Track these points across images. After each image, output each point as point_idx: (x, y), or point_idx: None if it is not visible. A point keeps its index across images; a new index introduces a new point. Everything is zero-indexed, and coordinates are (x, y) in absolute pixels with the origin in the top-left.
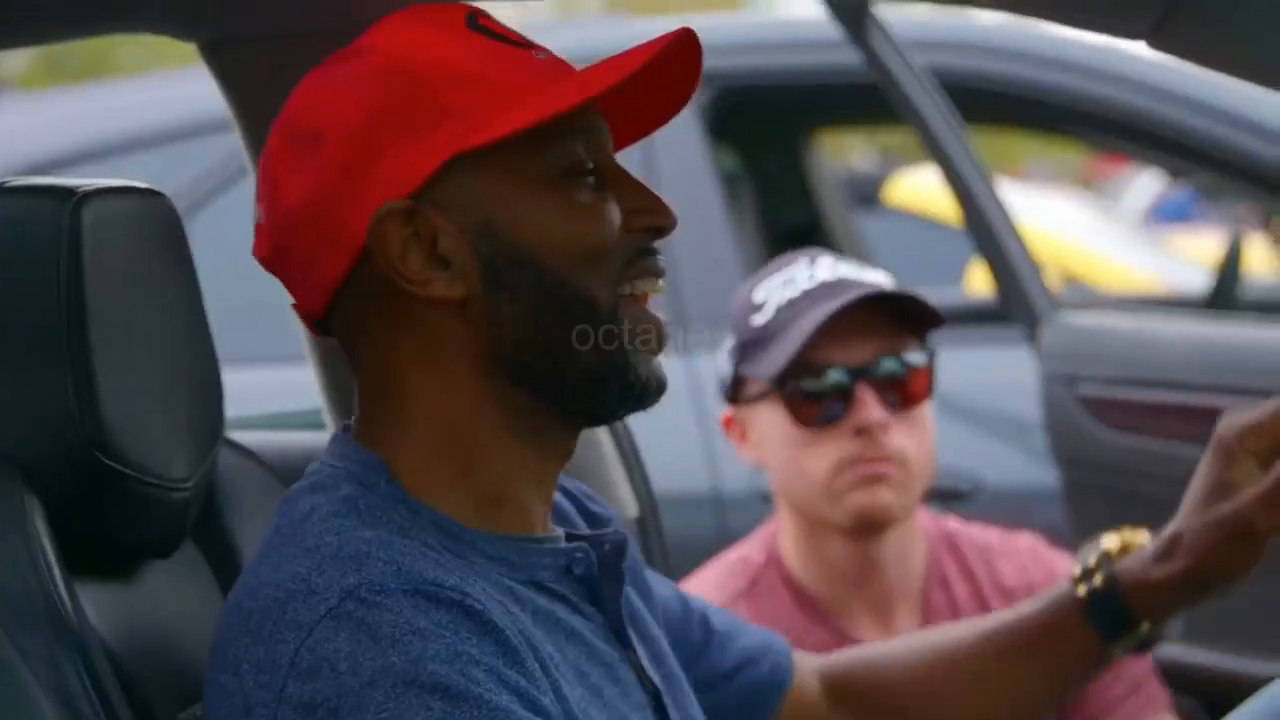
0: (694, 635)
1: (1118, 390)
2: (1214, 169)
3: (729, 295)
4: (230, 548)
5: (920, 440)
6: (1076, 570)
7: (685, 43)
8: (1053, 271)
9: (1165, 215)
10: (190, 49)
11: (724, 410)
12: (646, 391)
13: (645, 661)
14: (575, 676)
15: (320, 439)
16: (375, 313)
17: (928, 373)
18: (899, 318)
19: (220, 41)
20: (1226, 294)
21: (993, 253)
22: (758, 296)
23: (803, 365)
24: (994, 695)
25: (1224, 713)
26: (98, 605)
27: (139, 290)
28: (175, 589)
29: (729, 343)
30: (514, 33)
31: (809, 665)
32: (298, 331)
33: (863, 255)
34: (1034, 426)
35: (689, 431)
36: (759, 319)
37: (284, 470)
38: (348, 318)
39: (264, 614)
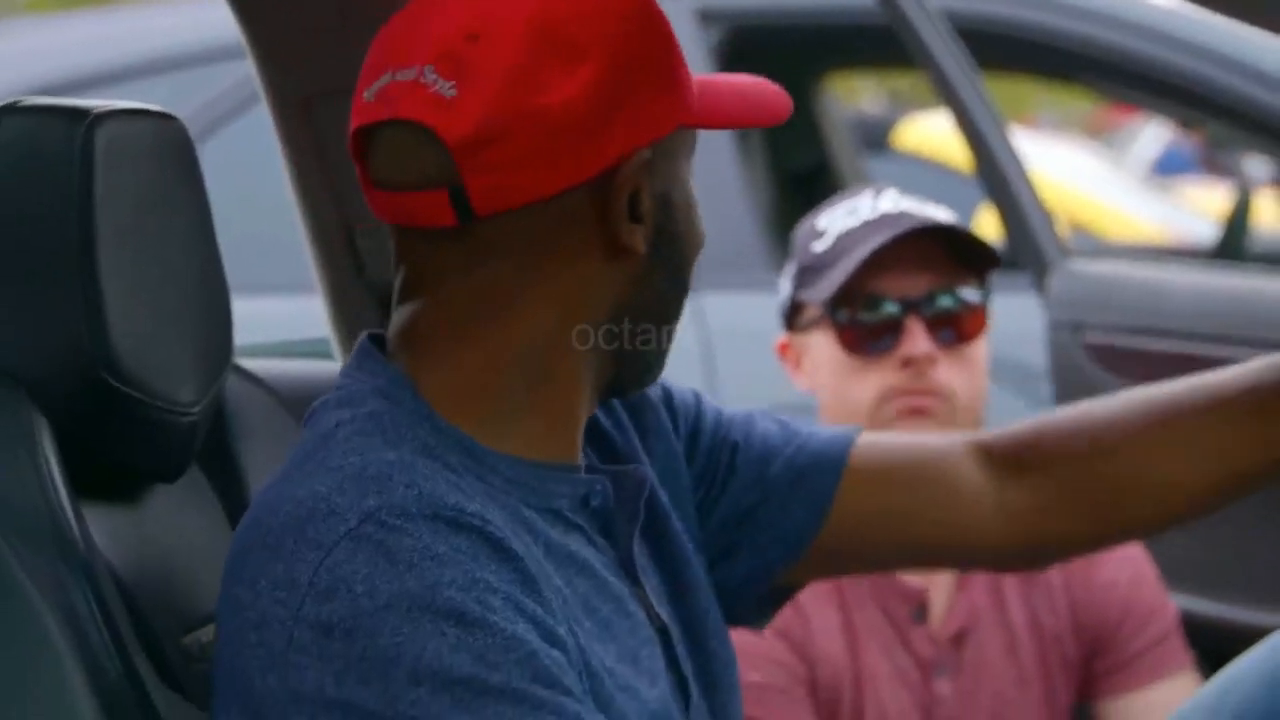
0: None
1: (1124, 339)
2: (1224, 120)
3: (738, 236)
4: (236, 474)
5: (970, 378)
6: None
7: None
8: (1061, 220)
9: (1168, 168)
10: None
11: (781, 336)
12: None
13: (654, 598)
14: (584, 610)
15: (327, 368)
16: (546, 231)
17: (982, 311)
18: (956, 254)
19: None
20: (1234, 245)
21: (1003, 199)
22: (820, 224)
23: (857, 294)
24: (1214, 461)
25: (1220, 664)
26: (104, 527)
27: (151, 214)
28: (181, 514)
29: (790, 269)
30: None
31: (958, 443)
32: (305, 261)
33: None
34: (1039, 373)
35: (695, 373)
36: (819, 246)
37: (290, 398)
38: (512, 225)
39: (283, 530)
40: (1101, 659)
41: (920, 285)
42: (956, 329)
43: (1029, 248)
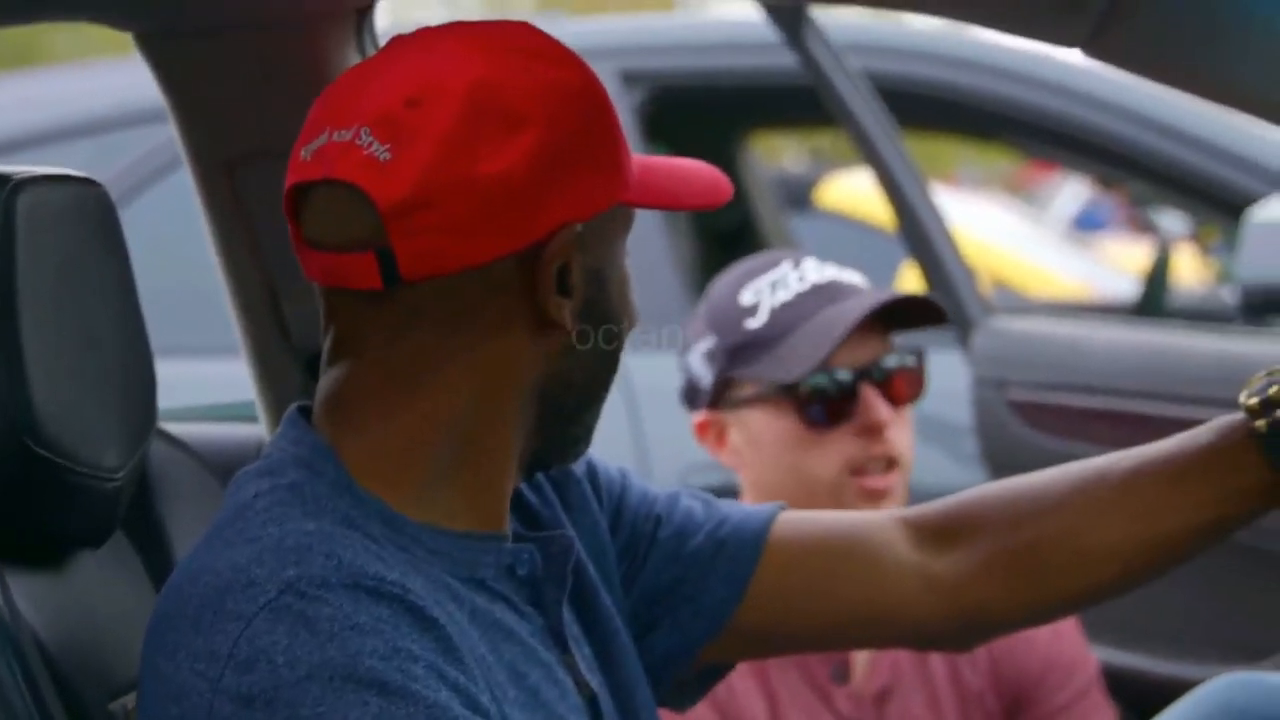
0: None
1: (1048, 395)
2: (1144, 178)
3: (662, 296)
4: (161, 539)
5: (909, 439)
6: (1252, 401)
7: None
8: (983, 278)
9: (1087, 225)
10: (122, 38)
11: (696, 415)
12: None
13: (583, 667)
14: (511, 678)
15: (252, 431)
16: (473, 300)
17: (920, 371)
18: (892, 318)
19: (158, 33)
20: (1155, 302)
21: (926, 257)
22: (745, 299)
23: (814, 368)
24: (1144, 524)
25: (1148, 717)
26: (27, 595)
27: (73, 278)
28: (106, 579)
29: (704, 346)
30: None
31: (882, 518)
32: (228, 323)
33: None
34: (964, 430)
35: (621, 432)
36: (753, 322)
37: (215, 462)
38: (438, 292)
39: (203, 602)
40: (1024, 713)
41: (869, 353)
42: (904, 392)
43: (952, 305)
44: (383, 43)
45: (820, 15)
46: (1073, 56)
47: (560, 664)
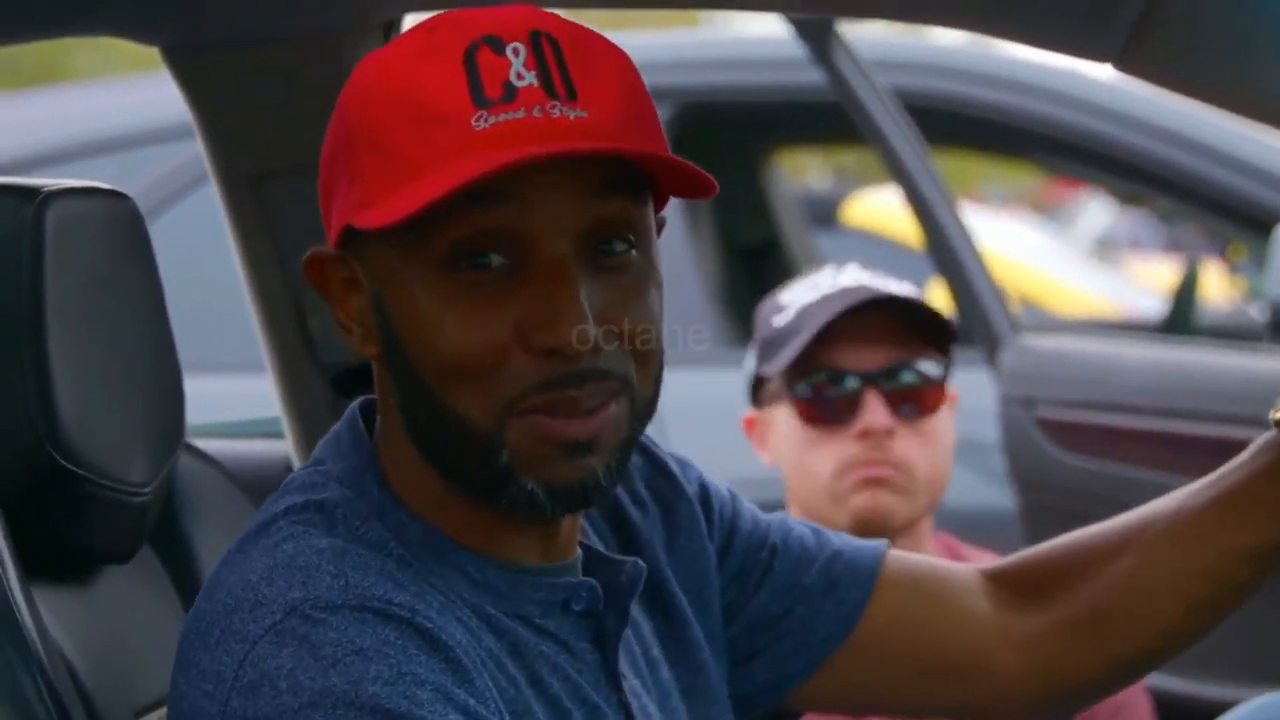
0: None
1: (1076, 414)
2: (1171, 194)
3: (688, 312)
4: (188, 554)
5: (930, 452)
6: None
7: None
8: (1011, 296)
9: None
10: (144, 56)
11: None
12: (538, 504)
13: (654, 698)
14: (552, 715)
15: (279, 448)
16: None
17: (941, 386)
18: (916, 328)
19: (183, 47)
20: (1183, 320)
21: (954, 276)
22: (783, 299)
23: (817, 367)
24: (1197, 554)
25: None
26: (54, 610)
27: (101, 292)
28: (132, 595)
29: (753, 344)
30: (522, 71)
31: (965, 570)
32: (252, 339)
33: None
34: (992, 448)
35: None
36: (779, 320)
37: (243, 478)
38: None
39: (213, 619)
40: None
41: (879, 359)
42: (915, 403)
43: (980, 324)
44: None
45: (848, 30)
46: (1102, 72)
47: (611, 704)
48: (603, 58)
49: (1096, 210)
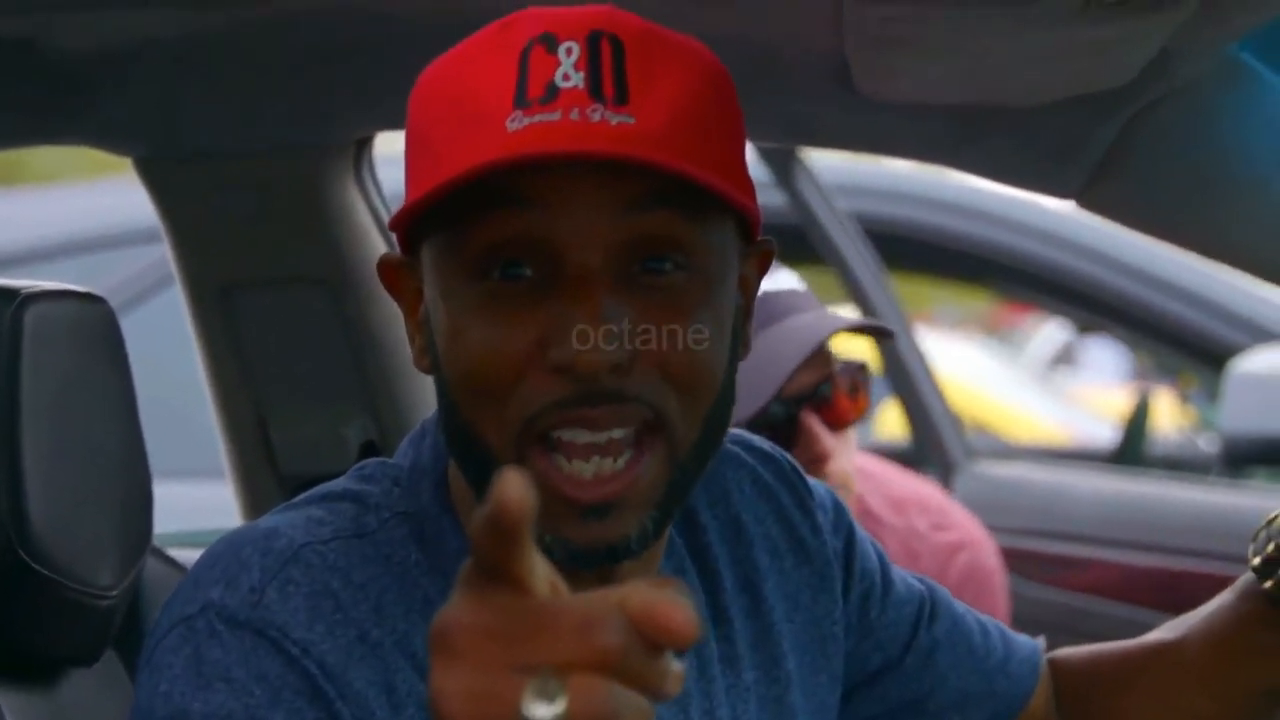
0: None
1: (1029, 542)
2: (1125, 325)
3: None
4: None
5: (851, 456)
6: (1255, 561)
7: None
8: (964, 422)
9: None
10: (103, 160)
11: None
12: (555, 560)
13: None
14: None
15: None
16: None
17: (864, 389)
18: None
19: (156, 157)
20: (1134, 450)
21: (909, 399)
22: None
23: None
24: (1209, 696)
25: None
26: (17, 711)
27: (76, 394)
28: (96, 698)
29: None
30: (570, 71)
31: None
32: (211, 445)
33: None
34: None
35: None
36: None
37: None
38: None
39: (191, 573)
40: None
41: (806, 378)
42: (844, 414)
43: (935, 449)
44: (378, 169)
45: (810, 156)
46: (1060, 203)
47: None
48: (673, 62)
49: (1051, 333)
